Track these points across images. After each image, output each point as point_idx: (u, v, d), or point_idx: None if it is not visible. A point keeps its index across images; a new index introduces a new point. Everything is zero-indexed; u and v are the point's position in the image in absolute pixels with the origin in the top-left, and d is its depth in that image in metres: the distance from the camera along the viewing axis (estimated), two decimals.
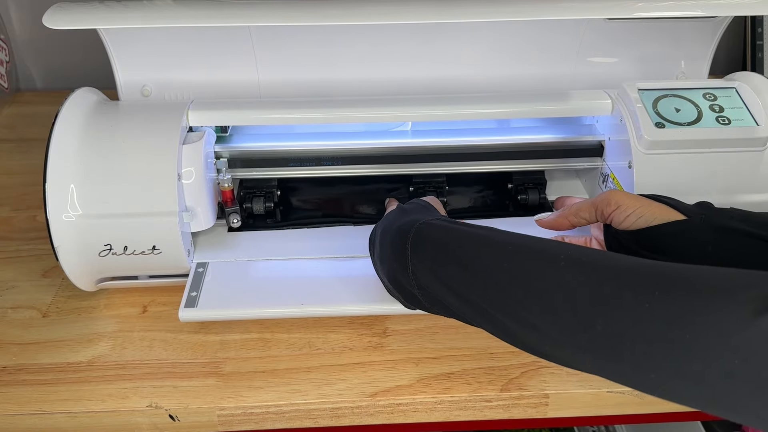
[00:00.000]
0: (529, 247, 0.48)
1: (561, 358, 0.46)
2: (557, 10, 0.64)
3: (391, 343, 0.64)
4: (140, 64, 0.74)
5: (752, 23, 1.08)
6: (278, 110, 0.71)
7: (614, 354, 0.42)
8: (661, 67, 0.79)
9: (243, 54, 0.74)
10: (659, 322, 0.40)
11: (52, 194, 0.60)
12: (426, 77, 0.78)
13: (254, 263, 0.69)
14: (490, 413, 0.60)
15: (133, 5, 0.64)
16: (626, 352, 0.41)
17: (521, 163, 0.75)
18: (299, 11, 0.63)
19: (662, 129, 0.66)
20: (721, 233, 0.54)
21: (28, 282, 0.71)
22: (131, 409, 0.58)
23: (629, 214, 0.57)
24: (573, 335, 0.44)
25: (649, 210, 0.57)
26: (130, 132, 0.64)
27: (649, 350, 0.40)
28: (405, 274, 0.54)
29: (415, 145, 0.73)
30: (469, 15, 0.65)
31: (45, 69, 1.14)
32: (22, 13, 1.09)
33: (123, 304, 0.68)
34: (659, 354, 0.40)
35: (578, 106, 0.72)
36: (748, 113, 0.67)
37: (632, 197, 0.58)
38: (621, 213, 0.57)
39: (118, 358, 0.62)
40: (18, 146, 0.96)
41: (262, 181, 0.75)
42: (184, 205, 0.64)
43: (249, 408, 0.58)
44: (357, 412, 0.59)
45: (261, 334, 0.64)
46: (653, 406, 0.60)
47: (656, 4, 0.66)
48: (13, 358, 0.62)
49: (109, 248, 0.62)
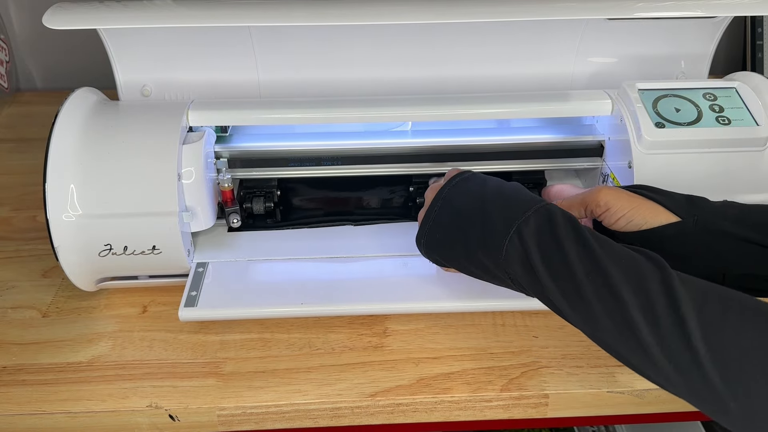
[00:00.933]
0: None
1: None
2: (557, 10, 0.64)
3: (391, 343, 0.64)
4: (140, 64, 0.74)
5: (752, 23, 1.08)
6: (278, 110, 0.71)
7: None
8: (661, 67, 0.79)
9: (243, 54, 0.74)
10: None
11: (52, 194, 0.60)
12: (426, 77, 0.77)
13: (254, 263, 0.69)
14: (490, 413, 0.60)
15: (133, 5, 0.64)
16: None
17: (521, 163, 0.75)
18: (299, 11, 0.63)
19: (662, 129, 0.66)
20: (713, 237, 0.54)
21: (28, 282, 0.71)
22: (131, 409, 0.58)
23: (619, 218, 0.57)
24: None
25: (639, 213, 0.56)
26: (130, 132, 0.64)
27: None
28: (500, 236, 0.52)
29: (415, 145, 0.73)
30: (469, 15, 0.65)
31: (45, 69, 1.14)
32: (22, 13, 1.09)
33: (123, 304, 0.68)
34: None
35: (578, 106, 0.72)
36: (748, 113, 0.67)
37: (622, 197, 0.57)
38: (611, 216, 0.57)
39: (118, 358, 0.62)
40: (18, 146, 0.96)
41: (262, 181, 0.75)
42: (184, 205, 0.64)
43: (249, 408, 0.58)
44: (357, 412, 0.59)
45: (261, 334, 0.64)
46: (653, 406, 0.60)
47: (656, 4, 0.66)
48: (13, 358, 0.62)
49: (109, 248, 0.62)
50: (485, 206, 0.55)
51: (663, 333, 0.44)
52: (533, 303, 0.54)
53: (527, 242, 0.50)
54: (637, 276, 0.46)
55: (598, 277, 0.47)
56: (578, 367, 0.61)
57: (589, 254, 0.48)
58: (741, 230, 0.54)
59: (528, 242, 0.50)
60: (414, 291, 0.65)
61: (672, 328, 0.44)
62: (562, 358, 0.62)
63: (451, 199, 0.58)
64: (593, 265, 0.47)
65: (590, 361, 0.61)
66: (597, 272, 0.47)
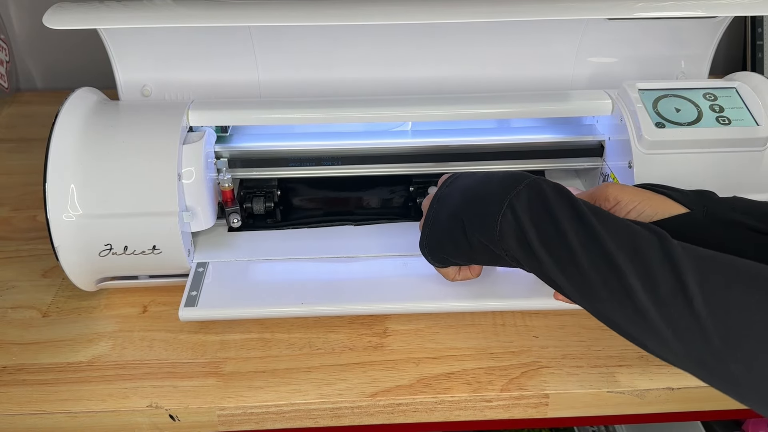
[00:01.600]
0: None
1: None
2: (557, 10, 0.64)
3: (391, 343, 0.64)
4: (140, 64, 0.74)
5: (752, 23, 1.08)
6: (278, 110, 0.71)
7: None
8: (662, 67, 0.79)
9: (243, 54, 0.74)
10: None
11: (52, 194, 0.60)
12: (426, 77, 0.77)
13: (254, 263, 0.69)
14: (491, 413, 0.60)
15: (133, 5, 0.64)
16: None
17: (521, 163, 0.75)
18: (299, 11, 0.63)
19: (662, 129, 0.66)
20: (724, 226, 0.54)
21: (28, 282, 0.71)
22: (131, 409, 0.58)
23: (630, 210, 0.56)
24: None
25: (649, 205, 0.56)
26: (130, 132, 0.64)
27: None
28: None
29: (415, 145, 0.73)
30: (469, 15, 0.65)
31: (45, 69, 1.14)
32: (22, 13, 1.09)
33: (123, 304, 0.68)
34: None
35: (578, 106, 0.72)
36: (749, 113, 0.67)
37: (631, 192, 0.57)
38: (621, 209, 0.56)
39: (118, 358, 0.62)
40: (18, 146, 0.96)
41: (262, 181, 0.75)
42: (184, 205, 0.64)
43: (249, 408, 0.58)
44: (357, 412, 0.59)
45: (261, 334, 0.64)
46: (653, 406, 0.60)
47: (656, 4, 0.66)
48: (13, 358, 0.62)
49: (109, 248, 0.62)
50: (477, 192, 0.55)
51: (662, 298, 0.43)
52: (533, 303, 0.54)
53: (520, 216, 0.50)
54: (634, 245, 0.46)
55: (594, 247, 0.47)
56: (578, 367, 0.61)
57: (584, 225, 0.48)
58: (750, 220, 0.53)
59: (521, 216, 0.50)
60: (414, 291, 0.65)
61: (672, 293, 0.43)
62: (562, 358, 0.62)
63: (446, 198, 0.58)
64: (588, 235, 0.47)
65: (590, 361, 0.61)
66: (593, 242, 0.47)
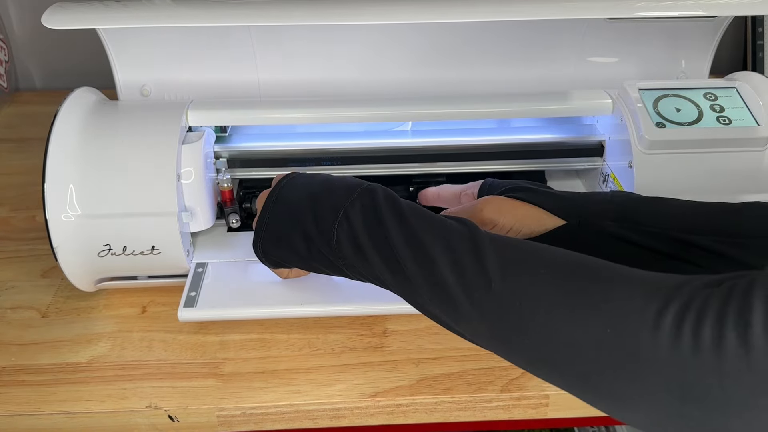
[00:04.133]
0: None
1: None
2: (557, 10, 0.64)
3: (391, 344, 0.63)
4: (140, 64, 0.74)
5: (752, 23, 1.08)
6: (278, 110, 0.71)
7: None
8: (662, 66, 0.79)
9: (243, 54, 0.74)
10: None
11: (51, 194, 0.60)
12: (426, 77, 0.77)
13: (254, 263, 0.68)
14: (491, 414, 0.60)
15: (133, 5, 0.64)
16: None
17: (521, 163, 0.75)
18: (299, 11, 0.63)
19: (663, 129, 0.66)
20: (598, 236, 0.57)
21: (27, 282, 0.71)
22: (130, 410, 0.58)
23: (507, 231, 0.59)
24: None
25: (525, 224, 0.59)
26: (129, 132, 0.64)
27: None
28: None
29: (415, 145, 0.73)
30: (469, 15, 0.64)
31: (45, 69, 1.13)
32: (22, 13, 1.09)
33: (122, 305, 0.68)
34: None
35: (579, 105, 0.72)
36: (749, 113, 0.67)
37: (505, 211, 0.60)
38: (499, 230, 0.59)
39: (117, 358, 0.62)
40: (17, 146, 0.96)
41: (262, 181, 0.75)
42: (184, 205, 0.64)
43: (249, 409, 0.58)
44: (357, 413, 0.59)
45: (261, 335, 0.64)
46: None
47: (656, 4, 0.65)
48: (13, 359, 0.62)
49: (108, 248, 0.62)
50: (316, 198, 0.55)
51: (467, 283, 0.45)
52: None
53: (354, 224, 0.52)
54: (447, 237, 0.48)
55: (413, 243, 0.49)
56: None
57: (405, 224, 0.50)
58: (620, 230, 0.56)
59: (355, 224, 0.52)
60: None
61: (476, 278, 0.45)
62: None
63: (283, 199, 0.57)
64: (409, 233, 0.49)
65: None
66: (413, 239, 0.49)
